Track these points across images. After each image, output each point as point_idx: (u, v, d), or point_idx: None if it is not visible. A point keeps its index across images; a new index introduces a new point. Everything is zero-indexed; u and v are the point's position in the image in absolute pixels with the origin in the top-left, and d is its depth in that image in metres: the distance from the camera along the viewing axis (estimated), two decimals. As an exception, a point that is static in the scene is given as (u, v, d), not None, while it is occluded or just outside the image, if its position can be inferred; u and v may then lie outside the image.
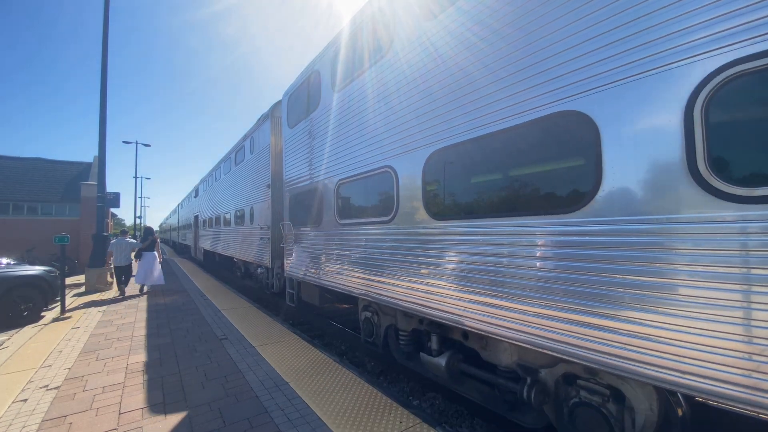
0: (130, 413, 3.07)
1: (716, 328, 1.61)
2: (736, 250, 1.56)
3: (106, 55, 9.93)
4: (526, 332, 2.37)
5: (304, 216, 5.76)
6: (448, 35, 3.06)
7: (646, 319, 1.82)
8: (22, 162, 21.48)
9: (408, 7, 3.54)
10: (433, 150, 3.17)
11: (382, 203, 3.92)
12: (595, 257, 2.02)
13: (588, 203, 2.07)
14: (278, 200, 7.36)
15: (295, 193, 6.11)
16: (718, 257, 1.60)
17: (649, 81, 1.83)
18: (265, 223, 7.91)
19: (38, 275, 7.44)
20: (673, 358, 1.73)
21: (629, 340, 1.88)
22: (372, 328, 4.54)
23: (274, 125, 7.76)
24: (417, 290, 3.33)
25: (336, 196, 4.74)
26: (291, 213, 6.29)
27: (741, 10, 1.55)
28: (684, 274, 1.70)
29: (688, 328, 1.69)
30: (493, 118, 2.62)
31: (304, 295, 6.24)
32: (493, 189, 2.81)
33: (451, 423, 3.57)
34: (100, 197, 10.12)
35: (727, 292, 1.58)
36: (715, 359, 1.61)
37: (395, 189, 3.61)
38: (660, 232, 1.78)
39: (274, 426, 2.84)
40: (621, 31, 1.94)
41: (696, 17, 1.68)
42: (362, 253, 4.18)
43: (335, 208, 4.75)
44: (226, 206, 11.91)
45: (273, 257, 7.52)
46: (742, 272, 1.55)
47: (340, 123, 4.70)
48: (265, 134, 8.15)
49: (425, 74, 3.27)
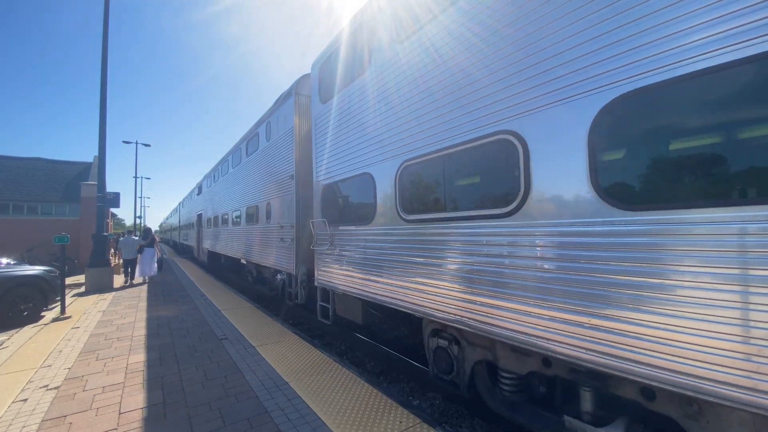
0: (130, 413, 3.07)
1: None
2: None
3: (106, 54, 9.94)
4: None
5: (344, 211, 4.82)
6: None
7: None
8: (22, 162, 21.51)
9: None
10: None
11: (492, 189, 2.88)
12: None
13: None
14: (305, 193, 6.24)
15: (330, 183, 5.04)
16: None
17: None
18: (288, 221, 6.58)
19: (38, 275, 7.45)
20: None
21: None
22: (451, 361, 3.36)
23: (299, 104, 6.61)
24: (543, 317, 2.35)
25: (398, 182, 3.69)
26: (324, 208, 5.17)
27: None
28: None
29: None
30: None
31: (340, 310, 5.15)
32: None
33: (451, 423, 3.57)
34: (100, 197, 10.13)
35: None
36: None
37: (522, 165, 2.49)
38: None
39: (274, 426, 2.84)
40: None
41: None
42: (445, 261, 3.14)
43: (397, 199, 3.71)
44: (235, 203, 10.68)
45: (298, 262, 6.27)
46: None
47: (413, 81, 3.52)
48: (287, 116, 6.85)
49: None
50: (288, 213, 6.65)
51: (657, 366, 1.83)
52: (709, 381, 1.67)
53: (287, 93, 7.02)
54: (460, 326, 2.99)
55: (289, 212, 6.61)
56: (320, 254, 5.22)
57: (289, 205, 6.58)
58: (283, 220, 6.88)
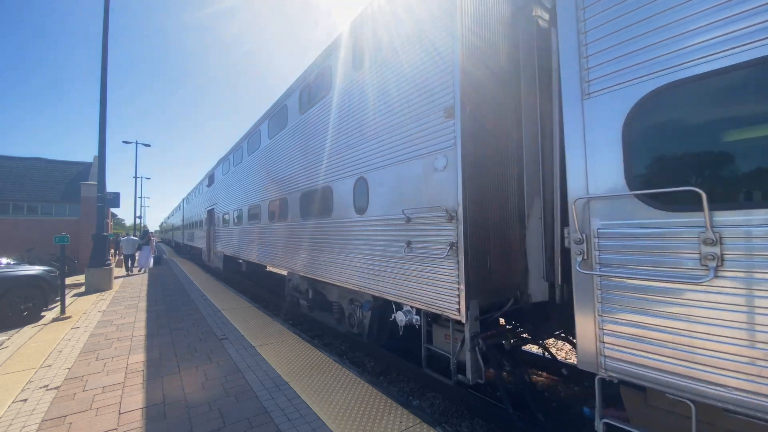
0: (130, 413, 3.07)
1: None
2: None
3: (106, 54, 9.93)
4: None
5: None
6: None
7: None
8: (22, 162, 21.50)
9: None
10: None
11: None
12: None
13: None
14: (478, 151, 3.13)
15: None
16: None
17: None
18: (444, 202, 3.17)
19: (38, 275, 7.45)
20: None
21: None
22: None
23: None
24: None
25: None
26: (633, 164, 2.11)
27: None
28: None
29: None
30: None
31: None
32: None
33: (451, 423, 3.57)
34: (100, 197, 10.12)
35: None
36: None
37: None
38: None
39: (274, 426, 2.84)
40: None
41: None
42: None
43: None
44: (277, 187, 7.20)
45: (469, 292, 2.98)
46: None
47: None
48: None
49: None
50: (431, 191, 3.32)
51: None
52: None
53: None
54: None
55: (436, 190, 3.27)
56: (616, 290, 2.13)
57: (436, 175, 3.27)
58: (433, 202, 3.30)
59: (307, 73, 6.05)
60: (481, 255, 3.08)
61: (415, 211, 3.49)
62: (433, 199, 3.29)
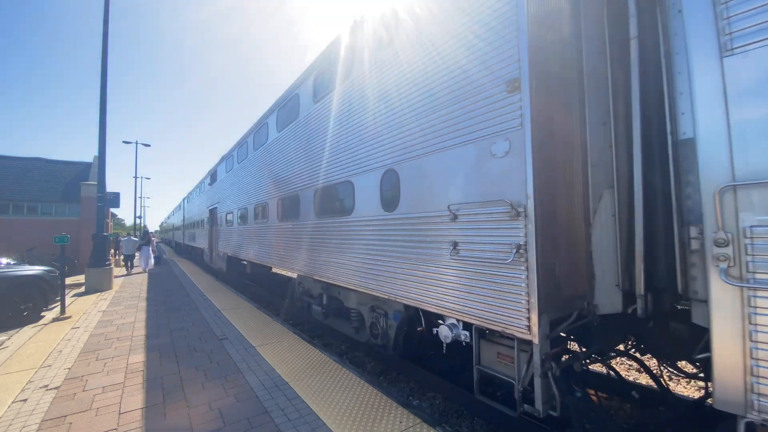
0: (130, 413, 3.07)
1: None
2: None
3: (106, 54, 9.93)
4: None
5: None
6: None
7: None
8: (22, 162, 21.48)
9: None
10: None
11: None
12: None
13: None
14: (551, 133, 2.62)
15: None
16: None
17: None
18: (507, 195, 2.60)
19: (38, 275, 7.45)
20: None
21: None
22: None
23: None
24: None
25: None
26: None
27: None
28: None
29: None
30: None
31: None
32: None
33: (451, 423, 3.57)
34: (100, 197, 10.12)
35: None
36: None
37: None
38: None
39: (274, 426, 2.84)
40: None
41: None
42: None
43: None
44: (287, 184, 6.52)
45: (541, 306, 2.41)
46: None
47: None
48: None
49: None
50: (488, 182, 2.75)
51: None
52: None
53: None
54: None
55: (495, 180, 2.69)
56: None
57: (494, 163, 2.70)
58: (464, 201, 2.92)
59: (323, 56, 5.39)
60: (551, 259, 2.50)
61: (464, 206, 2.88)
62: (489, 191, 2.69)
